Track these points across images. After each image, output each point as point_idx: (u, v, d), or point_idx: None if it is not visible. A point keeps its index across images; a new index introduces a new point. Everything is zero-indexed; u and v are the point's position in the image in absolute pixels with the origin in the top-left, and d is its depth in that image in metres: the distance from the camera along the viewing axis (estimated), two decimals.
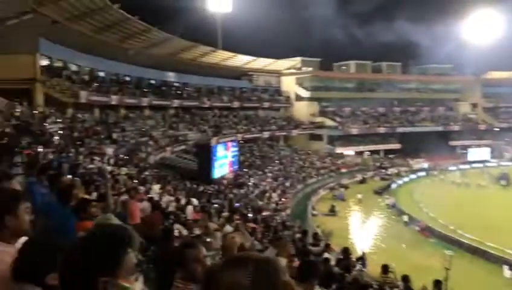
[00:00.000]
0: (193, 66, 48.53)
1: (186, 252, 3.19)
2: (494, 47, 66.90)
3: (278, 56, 60.32)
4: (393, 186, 44.91)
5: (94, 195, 7.67)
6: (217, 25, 56.61)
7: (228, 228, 9.47)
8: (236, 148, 38.65)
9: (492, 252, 22.57)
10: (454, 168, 56.23)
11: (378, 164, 56.32)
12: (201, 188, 26.69)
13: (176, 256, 3.30)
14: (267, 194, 34.65)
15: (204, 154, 32.04)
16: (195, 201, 16.13)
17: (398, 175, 52.49)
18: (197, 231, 8.60)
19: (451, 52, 69.60)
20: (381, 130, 63.05)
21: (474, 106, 73.80)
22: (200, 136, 41.36)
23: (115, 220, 4.34)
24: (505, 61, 66.88)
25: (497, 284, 19.34)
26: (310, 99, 62.25)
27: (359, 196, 38.61)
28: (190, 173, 31.18)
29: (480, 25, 68.77)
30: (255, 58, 54.71)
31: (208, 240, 6.62)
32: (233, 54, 51.64)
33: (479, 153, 62.31)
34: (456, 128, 68.12)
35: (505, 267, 19.94)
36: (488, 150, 63.36)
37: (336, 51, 74.34)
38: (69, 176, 8.09)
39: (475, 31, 69.52)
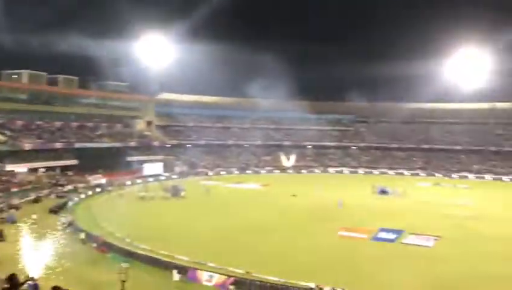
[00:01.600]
0: None
1: None
2: (168, 70, 74.28)
3: None
4: (71, 204, 43.48)
5: None
6: None
7: None
8: None
9: (163, 259, 24.63)
10: (130, 183, 58.97)
11: (54, 181, 53.44)
12: None
13: None
14: None
15: None
16: None
17: (75, 192, 51.14)
18: None
19: (129, 72, 73.22)
20: (58, 145, 60.69)
21: (149, 123, 79.93)
22: None
23: None
24: (176, 84, 75.53)
25: (169, 288, 21.20)
26: None
27: (34, 216, 35.53)
28: None
29: (154, 48, 74.20)
30: None
31: None
32: None
33: (153, 167, 67.60)
34: (132, 144, 71.82)
35: (174, 272, 22.04)
36: (161, 164, 69.45)
37: (6, 58, 66.55)
38: None
39: (151, 54, 74.59)
